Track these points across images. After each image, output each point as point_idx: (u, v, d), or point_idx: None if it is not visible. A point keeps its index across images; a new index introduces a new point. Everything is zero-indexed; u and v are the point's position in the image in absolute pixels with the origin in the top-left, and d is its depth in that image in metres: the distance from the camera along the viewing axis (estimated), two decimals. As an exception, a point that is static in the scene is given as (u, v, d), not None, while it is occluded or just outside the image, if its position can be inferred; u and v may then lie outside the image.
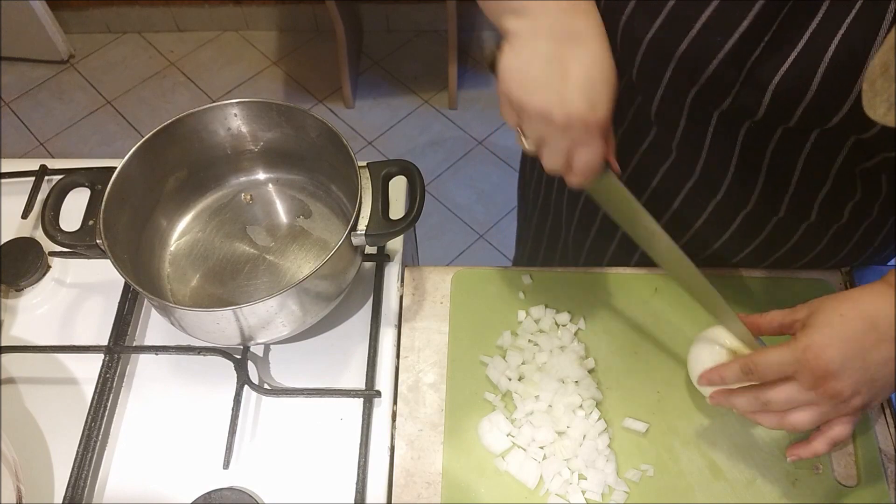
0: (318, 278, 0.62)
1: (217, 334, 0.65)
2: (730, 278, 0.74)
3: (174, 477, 0.65)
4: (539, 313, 0.72)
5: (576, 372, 0.67)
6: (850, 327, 0.54)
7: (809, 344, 0.54)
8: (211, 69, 2.36)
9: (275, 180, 0.78)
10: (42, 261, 0.76)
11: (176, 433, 0.67)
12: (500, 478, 0.64)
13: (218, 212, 0.77)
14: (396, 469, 0.65)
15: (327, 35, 2.40)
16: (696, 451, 0.65)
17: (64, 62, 2.38)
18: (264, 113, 0.71)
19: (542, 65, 0.50)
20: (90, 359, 0.69)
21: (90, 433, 0.65)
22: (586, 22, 0.51)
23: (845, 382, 0.53)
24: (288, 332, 0.66)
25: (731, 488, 0.63)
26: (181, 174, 0.74)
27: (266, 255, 0.74)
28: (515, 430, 0.65)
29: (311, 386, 0.69)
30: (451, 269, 0.76)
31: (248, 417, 0.68)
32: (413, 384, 0.69)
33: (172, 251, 0.74)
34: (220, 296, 0.71)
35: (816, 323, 0.55)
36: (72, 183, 0.67)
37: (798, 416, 0.56)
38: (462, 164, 2.10)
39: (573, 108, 0.50)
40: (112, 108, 2.29)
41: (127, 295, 0.74)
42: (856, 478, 0.63)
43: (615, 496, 0.62)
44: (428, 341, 0.72)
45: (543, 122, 0.51)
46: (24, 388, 0.70)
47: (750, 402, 0.58)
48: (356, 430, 0.66)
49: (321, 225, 0.75)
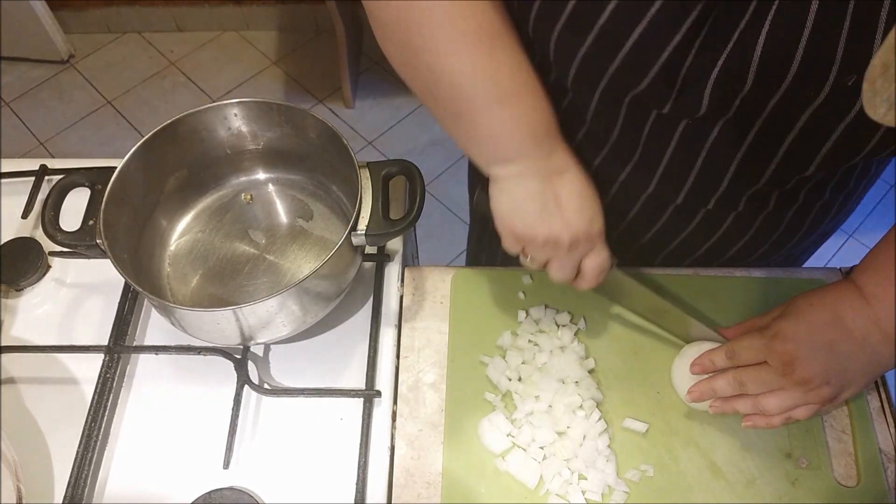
0: (318, 278, 0.62)
1: (217, 334, 0.65)
2: (730, 279, 0.74)
3: (174, 477, 0.65)
4: (539, 313, 0.72)
5: (576, 372, 0.67)
6: (818, 317, 0.58)
7: (778, 331, 0.58)
8: (211, 69, 2.36)
9: (275, 180, 0.78)
10: (42, 261, 0.76)
11: (176, 433, 0.67)
12: (500, 478, 0.64)
13: (218, 212, 0.77)
14: (396, 469, 0.65)
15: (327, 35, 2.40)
16: (696, 451, 0.65)
17: (64, 62, 2.38)
18: (264, 113, 0.71)
19: (537, 199, 0.56)
20: (90, 359, 0.69)
21: (90, 433, 0.65)
22: (562, 156, 0.57)
23: (814, 369, 0.56)
24: (288, 332, 0.66)
25: (731, 488, 0.63)
26: (181, 174, 0.74)
27: (266, 255, 0.74)
28: (515, 431, 0.65)
29: (311, 386, 0.69)
30: (451, 269, 0.76)
31: (248, 417, 0.68)
32: (413, 384, 0.69)
33: (172, 251, 0.74)
34: (220, 296, 0.71)
35: (787, 313, 0.60)
36: (72, 183, 0.67)
37: (770, 399, 0.59)
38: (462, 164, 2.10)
39: (576, 228, 0.56)
40: (112, 108, 2.29)
41: (127, 295, 0.74)
42: (856, 478, 0.63)
43: (615, 496, 0.62)
44: (428, 341, 0.72)
45: (552, 248, 0.58)
46: (24, 388, 0.70)
47: (728, 382, 0.62)
48: (356, 430, 0.66)
49: (321, 225, 0.75)
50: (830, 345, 0.57)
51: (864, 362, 0.57)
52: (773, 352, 0.58)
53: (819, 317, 0.58)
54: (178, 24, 2.44)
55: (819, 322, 0.57)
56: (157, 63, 2.39)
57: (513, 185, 0.56)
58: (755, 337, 0.60)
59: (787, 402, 0.59)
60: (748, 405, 0.61)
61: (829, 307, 0.58)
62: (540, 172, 0.56)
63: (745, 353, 0.61)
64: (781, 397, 0.59)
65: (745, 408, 0.61)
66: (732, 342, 0.62)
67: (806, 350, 0.56)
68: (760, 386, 0.60)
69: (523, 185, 0.56)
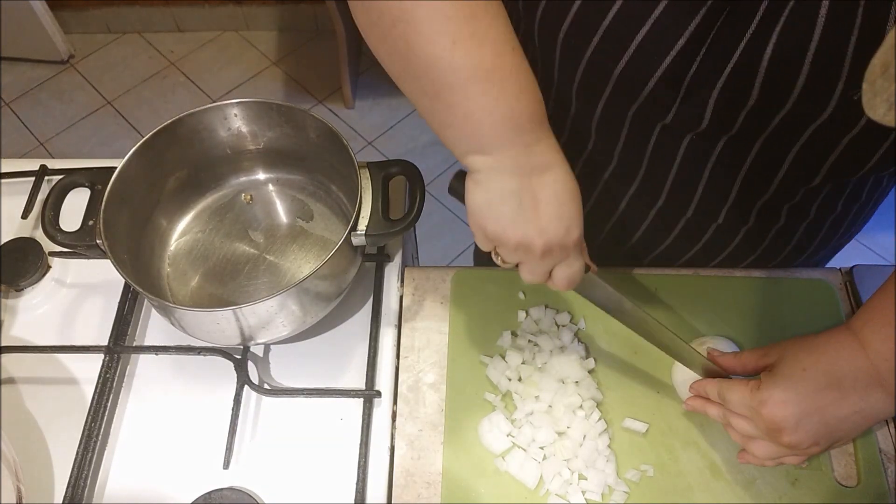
0: (318, 278, 0.62)
1: (217, 334, 0.65)
2: (730, 279, 0.74)
3: (174, 477, 0.65)
4: (539, 313, 0.72)
5: (576, 372, 0.67)
6: (811, 384, 0.54)
7: (766, 399, 0.55)
8: (211, 69, 2.36)
9: (275, 180, 0.78)
10: (42, 261, 0.76)
11: (176, 433, 0.67)
12: (500, 478, 0.64)
13: (218, 212, 0.77)
14: (396, 469, 0.65)
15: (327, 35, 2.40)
16: (696, 451, 0.65)
17: (64, 62, 2.38)
18: (264, 113, 0.71)
19: (512, 199, 0.51)
20: (90, 359, 0.69)
21: (90, 433, 0.65)
22: (546, 150, 0.51)
23: (801, 436, 0.54)
24: (288, 332, 0.66)
25: (731, 488, 0.63)
26: (181, 174, 0.74)
27: (266, 255, 0.74)
28: (515, 431, 0.65)
29: (311, 386, 0.69)
30: (451, 269, 0.76)
31: (248, 417, 0.68)
32: (413, 384, 0.69)
33: (172, 251, 0.74)
34: (220, 296, 0.71)
35: (778, 374, 0.56)
36: (72, 183, 0.67)
37: (757, 447, 0.58)
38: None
39: (550, 236, 0.51)
40: (112, 108, 2.29)
41: (127, 295, 0.74)
42: (856, 478, 0.63)
43: (615, 496, 0.62)
44: (428, 341, 0.72)
45: (523, 252, 0.53)
46: (24, 388, 0.70)
47: (719, 417, 0.61)
48: (356, 430, 0.66)
49: (321, 225, 0.75)
50: (821, 411, 0.53)
51: (857, 422, 0.54)
52: (759, 417, 0.55)
53: (812, 383, 0.54)
54: (178, 24, 2.44)
55: (811, 389, 0.54)
56: (157, 63, 2.39)
57: (489, 179, 0.51)
58: (745, 393, 0.57)
59: (775, 454, 0.58)
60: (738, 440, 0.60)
61: (825, 368, 0.54)
62: (519, 169, 0.51)
63: (734, 403, 0.58)
64: (769, 449, 0.57)
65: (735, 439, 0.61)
66: (723, 387, 0.60)
67: (794, 421, 0.53)
68: (748, 433, 0.58)
69: (499, 182, 0.51)
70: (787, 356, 0.57)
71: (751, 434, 0.58)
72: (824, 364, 0.54)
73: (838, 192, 0.66)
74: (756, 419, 0.56)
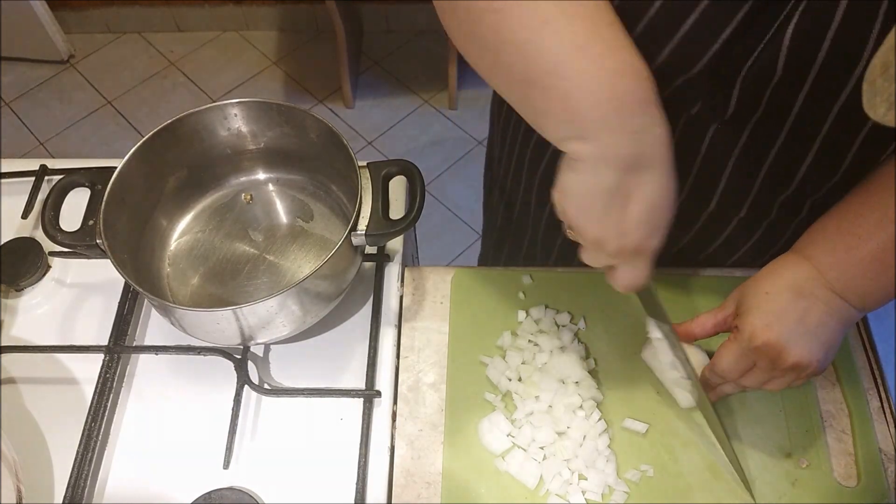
0: (318, 278, 0.62)
1: (217, 334, 0.65)
2: (731, 279, 0.74)
3: (174, 477, 0.65)
4: (539, 313, 0.72)
5: (576, 372, 0.67)
6: (780, 302, 0.57)
7: (752, 330, 0.57)
8: (211, 69, 2.36)
9: (275, 180, 0.78)
10: (42, 261, 0.76)
11: (176, 433, 0.67)
12: (500, 478, 0.64)
13: (218, 212, 0.77)
14: (396, 469, 0.65)
15: (327, 35, 2.40)
16: (696, 451, 0.65)
17: (64, 62, 2.38)
18: (264, 113, 0.71)
19: (604, 197, 0.47)
20: (90, 359, 0.69)
21: (90, 433, 0.65)
22: (654, 143, 0.47)
23: (799, 351, 0.56)
24: (288, 332, 0.66)
25: (731, 488, 0.63)
26: (181, 174, 0.74)
27: (266, 255, 0.74)
28: (515, 431, 0.65)
29: (311, 386, 0.69)
30: (451, 269, 0.76)
31: (248, 417, 0.68)
32: (413, 384, 0.69)
33: (172, 251, 0.74)
34: (220, 296, 0.71)
35: (748, 308, 0.58)
36: (72, 183, 0.67)
37: (774, 384, 0.60)
38: (462, 164, 2.10)
39: (629, 240, 0.48)
40: (112, 108, 2.29)
41: (127, 295, 0.74)
42: (856, 478, 0.63)
43: (615, 496, 0.62)
44: (428, 341, 0.72)
45: (594, 245, 0.50)
46: (24, 388, 0.70)
47: (732, 386, 0.64)
48: (356, 430, 0.66)
49: (321, 225, 0.75)
50: (802, 321, 0.56)
51: (834, 326, 0.57)
52: (757, 353, 0.57)
53: (780, 300, 0.57)
54: (178, 24, 2.44)
55: (782, 305, 0.56)
56: (157, 63, 2.39)
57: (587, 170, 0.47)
58: (730, 348, 0.59)
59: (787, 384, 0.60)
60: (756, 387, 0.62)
61: (784, 284, 0.57)
62: (621, 161, 0.46)
63: (731, 371, 0.60)
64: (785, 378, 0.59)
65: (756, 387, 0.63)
66: (714, 364, 0.61)
67: (785, 337, 0.55)
68: (761, 379, 0.60)
69: (596, 176, 0.47)
70: (747, 292, 0.59)
71: (763, 379, 0.60)
72: (782, 281, 0.57)
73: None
74: (756, 357, 0.58)
